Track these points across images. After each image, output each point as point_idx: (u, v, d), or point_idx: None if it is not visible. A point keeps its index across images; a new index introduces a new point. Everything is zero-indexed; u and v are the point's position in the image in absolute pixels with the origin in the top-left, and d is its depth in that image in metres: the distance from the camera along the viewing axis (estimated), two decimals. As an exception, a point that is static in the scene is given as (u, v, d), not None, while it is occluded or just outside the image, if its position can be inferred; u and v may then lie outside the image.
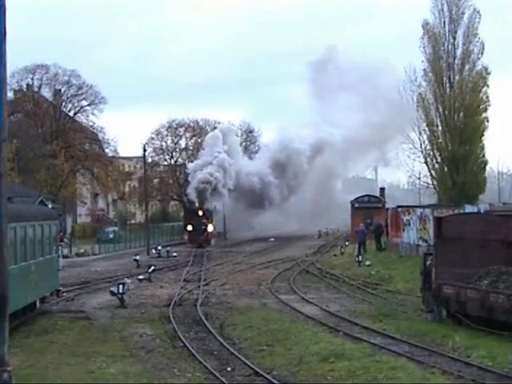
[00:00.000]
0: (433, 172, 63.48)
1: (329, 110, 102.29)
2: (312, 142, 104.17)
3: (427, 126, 62.28)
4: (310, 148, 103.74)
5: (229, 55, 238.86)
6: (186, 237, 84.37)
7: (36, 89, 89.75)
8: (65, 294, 36.10)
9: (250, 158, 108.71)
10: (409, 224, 51.39)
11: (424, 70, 62.14)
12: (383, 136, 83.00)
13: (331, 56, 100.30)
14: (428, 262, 29.04)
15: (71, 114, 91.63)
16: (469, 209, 45.39)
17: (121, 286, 33.81)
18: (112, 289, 34.63)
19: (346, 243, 66.90)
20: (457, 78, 61.16)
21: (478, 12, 60.76)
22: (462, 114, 61.02)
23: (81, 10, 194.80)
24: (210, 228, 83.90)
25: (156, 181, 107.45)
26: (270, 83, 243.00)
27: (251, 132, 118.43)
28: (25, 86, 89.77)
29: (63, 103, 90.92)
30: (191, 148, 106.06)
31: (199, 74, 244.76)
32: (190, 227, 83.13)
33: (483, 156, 63.04)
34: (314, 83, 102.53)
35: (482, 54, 60.96)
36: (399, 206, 57.81)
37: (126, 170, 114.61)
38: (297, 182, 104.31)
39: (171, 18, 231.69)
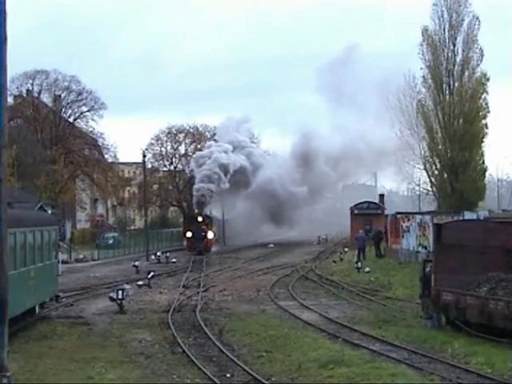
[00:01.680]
0: (432, 179, 63.50)
1: (345, 114, 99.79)
2: (336, 147, 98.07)
3: (427, 132, 62.29)
4: (334, 155, 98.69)
5: (229, 61, 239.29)
6: (184, 243, 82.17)
7: (36, 94, 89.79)
8: (64, 299, 36.08)
9: None
10: (408, 230, 51.43)
11: (423, 76, 62.21)
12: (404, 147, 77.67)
13: (350, 56, 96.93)
14: (427, 269, 29.04)
15: (71, 119, 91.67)
16: (468, 215, 45.44)
17: (120, 292, 33.78)
18: (111, 294, 34.62)
19: (346, 249, 66.88)
20: (456, 84, 61.19)
21: (478, 19, 60.88)
22: (461, 120, 61.04)
23: (82, 17, 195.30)
24: (210, 235, 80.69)
25: (155, 186, 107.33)
26: (270, 89, 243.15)
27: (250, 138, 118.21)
28: (25, 92, 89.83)
29: (63, 109, 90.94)
30: (191, 154, 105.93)
31: (199, 81, 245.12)
32: (189, 234, 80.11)
33: (482, 163, 63.07)
34: (329, 86, 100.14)
35: (482, 60, 61.05)
36: (398, 213, 57.83)
37: (126, 175, 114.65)
38: (319, 191, 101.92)
39: (172, 25, 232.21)
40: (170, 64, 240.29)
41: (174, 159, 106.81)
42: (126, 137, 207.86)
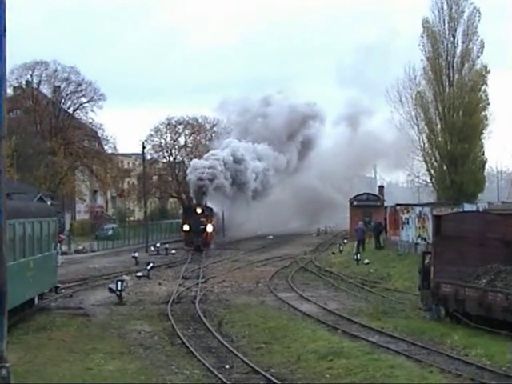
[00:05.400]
0: (431, 170, 63.42)
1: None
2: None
3: (426, 124, 62.19)
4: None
5: (234, 55, 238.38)
6: (182, 234, 76.19)
7: (35, 85, 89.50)
8: (63, 290, 36.10)
9: None
10: (407, 222, 51.41)
11: (423, 68, 62.06)
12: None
13: (390, 41, 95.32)
14: (426, 261, 29.07)
15: (70, 110, 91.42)
16: (467, 207, 45.39)
17: (119, 283, 33.84)
18: (110, 286, 34.68)
19: (345, 241, 66.90)
20: (456, 76, 61.05)
21: (478, 10, 60.69)
22: (461, 112, 60.90)
23: (91, 8, 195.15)
24: (210, 228, 72.43)
25: (155, 178, 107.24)
26: (275, 83, 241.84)
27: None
28: (24, 83, 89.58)
29: (62, 100, 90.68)
30: (190, 145, 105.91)
31: (203, 74, 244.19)
32: (186, 227, 72.41)
33: (482, 154, 62.97)
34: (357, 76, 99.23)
35: (482, 52, 60.89)
36: (398, 205, 57.82)
37: (125, 167, 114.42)
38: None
39: (181, 17, 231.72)
40: (175, 56, 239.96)
41: (173, 150, 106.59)
42: (125, 128, 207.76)
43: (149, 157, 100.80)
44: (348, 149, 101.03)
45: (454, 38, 60.89)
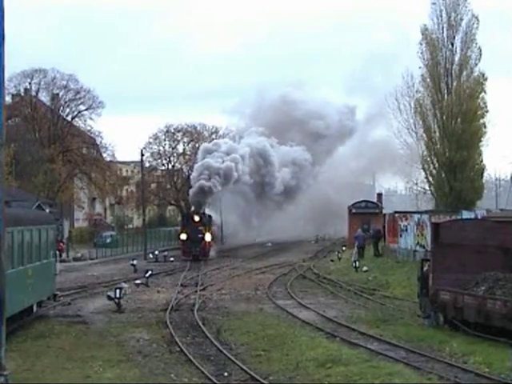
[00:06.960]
0: (430, 178, 63.42)
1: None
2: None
3: (425, 131, 62.17)
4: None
5: (235, 63, 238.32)
6: (179, 243, 72.96)
7: (34, 93, 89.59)
8: (62, 298, 36.11)
9: None
10: (406, 230, 51.41)
11: (422, 75, 62.08)
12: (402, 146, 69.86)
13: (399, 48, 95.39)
14: (425, 268, 29.08)
15: (69, 118, 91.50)
16: (466, 215, 45.38)
17: (118, 291, 33.81)
18: (109, 293, 34.64)
19: (343, 248, 66.87)
20: (454, 83, 61.06)
21: (476, 18, 60.71)
22: (459, 119, 60.88)
23: (90, 15, 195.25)
24: (208, 237, 70.02)
25: (153, 185, 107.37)
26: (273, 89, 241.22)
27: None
28: (23, 91, 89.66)
29: (61, 107, 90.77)
30: (189, 153, 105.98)
31: (204, 81, 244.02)
32: (183, 236, 69.73)
33: (481, 162, 62.97)
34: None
35: (480, 59, 60.92)
36: (396, 212, 57.82)
37: (124, 174, 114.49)
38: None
39: (183, 24, 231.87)
40: (175, 63, 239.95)
41: (172, 158, 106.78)
42: (123, 135, 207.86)
43: (147, 164, 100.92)
44: (359, 155, 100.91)
45: (452, 45, 60.90)
